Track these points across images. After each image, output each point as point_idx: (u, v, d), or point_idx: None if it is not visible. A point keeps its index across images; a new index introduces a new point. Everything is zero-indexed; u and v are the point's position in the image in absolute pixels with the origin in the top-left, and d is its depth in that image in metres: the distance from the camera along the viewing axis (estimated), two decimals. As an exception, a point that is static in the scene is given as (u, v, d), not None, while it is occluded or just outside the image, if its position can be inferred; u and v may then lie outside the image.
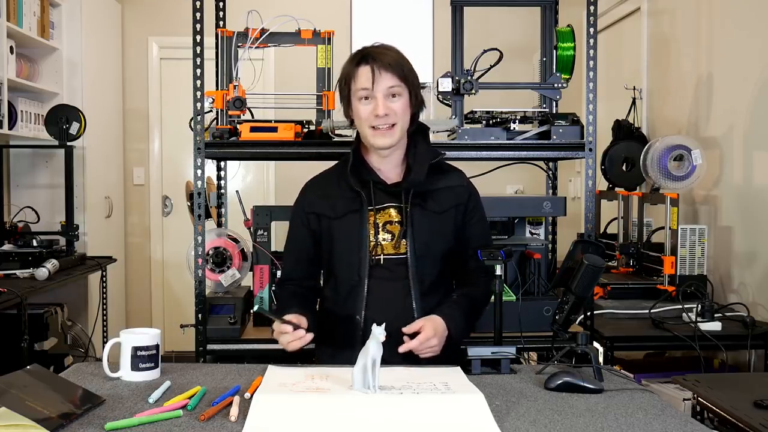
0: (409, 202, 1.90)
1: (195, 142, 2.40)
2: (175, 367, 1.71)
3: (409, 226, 1.89)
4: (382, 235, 1.90)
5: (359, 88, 1.86)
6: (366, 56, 1.86)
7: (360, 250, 1.89)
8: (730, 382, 1.90)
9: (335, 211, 1.93)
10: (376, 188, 1.93)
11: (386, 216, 1.92)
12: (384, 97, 1.84)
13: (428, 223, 1.91)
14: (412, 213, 1.90)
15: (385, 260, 1.90)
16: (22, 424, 1.23)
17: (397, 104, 1.86)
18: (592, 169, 2.49)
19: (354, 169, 1.93)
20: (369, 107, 1.85)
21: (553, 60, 2.69)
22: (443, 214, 1.94)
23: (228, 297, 2.46)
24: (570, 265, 1.79)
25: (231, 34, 2.49)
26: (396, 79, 1.85)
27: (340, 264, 1.93)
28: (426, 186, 1.92)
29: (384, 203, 1.93)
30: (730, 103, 3.00)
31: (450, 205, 1.95)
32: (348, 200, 1.92)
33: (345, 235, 1.92)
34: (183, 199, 3.05)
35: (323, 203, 1.95)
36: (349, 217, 1.91)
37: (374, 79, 1.83)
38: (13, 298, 2.96)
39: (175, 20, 5.06)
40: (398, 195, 1.92)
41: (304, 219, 1.97)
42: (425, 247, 1.90)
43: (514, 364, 1.75)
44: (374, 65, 1.84)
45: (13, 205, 4.11)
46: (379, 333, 1.46)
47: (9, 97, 3.68)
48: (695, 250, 2.80)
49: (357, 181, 1.91)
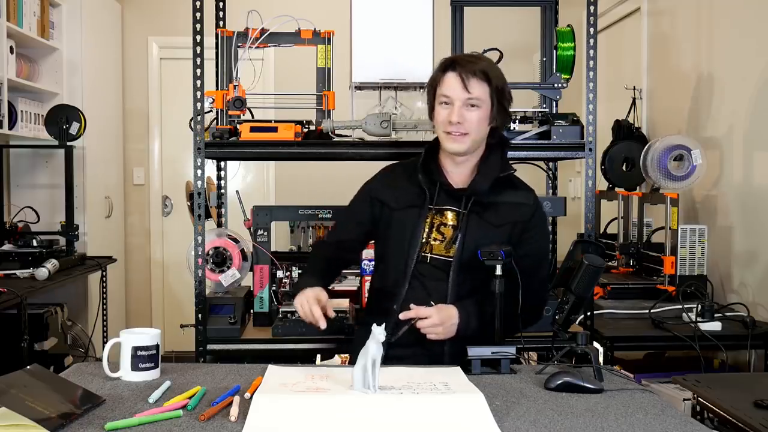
0: (468, 209, 1.94)
1: (195, 142, 2.40)
2: (175, 367, 1.71)
3: (462, 232, 1.93)
4: (435, 234, 1.95)
5: (441, 93, 1.92)
6: (454, 63, 1.92)
7: (411, 244, 1.94)
8: (730, 382, 1.91)
9: (398, 202, 2.00)
10: (441, 189, 1.97)
11: (443, 218, 1.97)
12: (461, 106, 1.89)
13: (482, 232, 1.94)
14: (469, 219, 1.94)
15: (432, 259, 1.95)
16: (22, 424, 1.23)
17: (473, 114, 1.90)
18: (592, 169, 2.49)
19: (425, 167, 1.98)
20: (446, 112, 1.91)
21: (553, 60, 2.69)
22: (500, 228, 1.96)
23: (228, 297, 2.46)
24: (570, 265, 1.79)
25: (231, 34, 2.49)
26: (478, 90, 1.89)
27: (390, 253, 2.00)
28: (489, 197, 1.96)
29: (444, 205, 1.97)
30: (730, 103, 3.00)
31: (509, 220, 1.97)
32: (412, 195, 1.99)
33: (401, 228, 1.98)
34: (183, 199, 3.05)
35: (389, 192, 2.03)
36: (409, 211, 1.98)
37: (455, 86, 1.89)
38: (13, 298, 2.96)
39: (175, 20, 5.06)
40: (460, 200, 1.96)
41: (368, 200, 2.06)
42: (473, 255, 1.91)
43: (514, 364, 1.75)
44: (460, 73, 1.89)
45: (13, 205, 4.11)
46: (379, 333, 1.46)
47: (9, 97, 3.68)
48: (695, 250, 2.80)
49: (426, 179, 1.97)
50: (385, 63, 2.40)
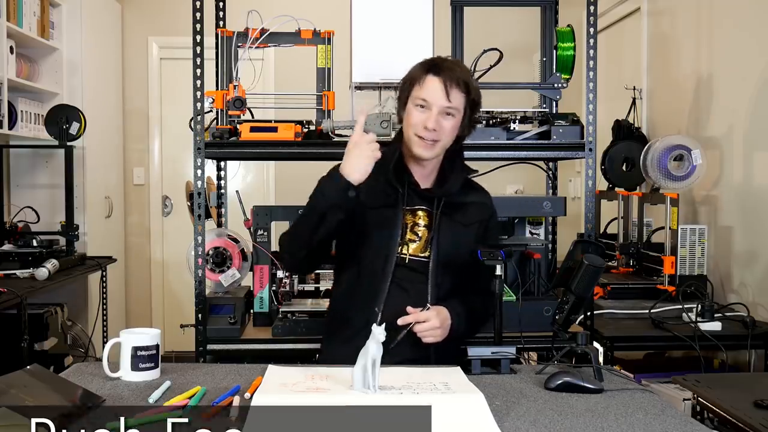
0: (440, 210, 1.95)
1: (195, 142, 2.40)
2: (175, 367, 1.71)
3: (437, 232, 1.94)
4: (410, 235, 1.95)
5: (420, 96, 1.89)
6: (437, 66, 1.89)
7: (390, 245, 1.93)
8: (730, 382, 1.91)
9: (371, 200, 1.93)
10: (410, 189, 1.97)
11: (416, 218, 1.97)
12: (438, 113, 1.87)
13: (454, 232, 1.96)
14: (441, 220, 1.95)
15: (410, 260, 1.94)
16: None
17: (448, 123, 1.89)
18: (592, 169, 2.49)
19: (396, 165, 1.97)
20: (422, 116, 1.88)
21: (553, 60, 2.69)
22: (468, 227, 1.99)
23: (228, 297, 2.46)
24: (570, 265, 1.79)
25: (231, 34, 2.49)
26: (457, 99, 1.88)
27: (368, 254, 1.95)
28: (457, 198, 1.98)
29: (415, 205, 1.97)
30: (730, 103, 3.00)
31: (475, 219, 2.00)
32: (383, 193, 1.96)
33: (377, 228, 1.95)
34: (183, 199, 3.04)
35: (365, 186, 1.91)
36: (384, 211, 1.95)
37: (437, 92, 1.87)
38: (13, 298, 2.96)
39: (175, 20, 5.06)
40: (429, 200, 1.97)
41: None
42: (448, 255, 1.94)
43: (514, 364, 1.75)
44: (444, 79, 1.86)
45: (13, 205, 4.11)
46: (379, 333, 1.46)
47: (9, 97, 3.68)
48: (695, 250, 2.80)
49: (396, 178, 1.95)
50: (385, 63, 2.40)
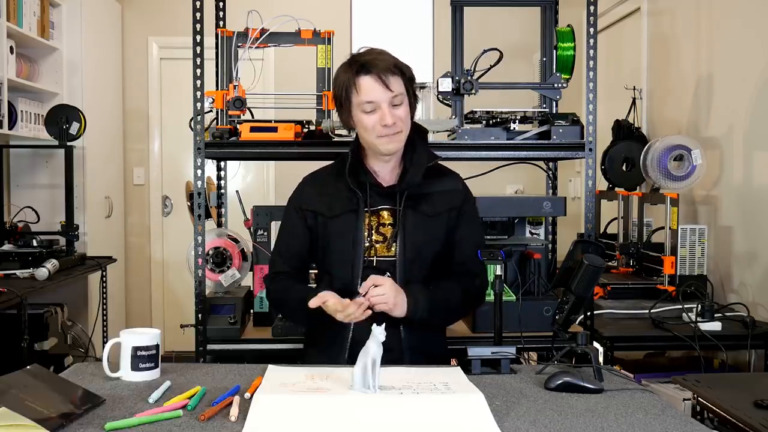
0: (402, 205, 1.91)
1: (195, 142, 2.40)
2: (175, 367, 1.71)
3: (401, 229, 1.91)
4: (375, 236, 1.92)
5: (363, 101, 1.83)
6: (365, 65, 1.83)
7: (355, 250, 1.90)
8: (730, 382, 1.90)
9: (331, 210, 1.94)
10: (371, 190, 1.93)
11: (380, 218, 1.94)
12: (389, 106, 1.83)
13: (420, 225, 1.92)
14: (405, 215, 1.91)
15: (378, 261, 1.91)
16: (22, 424, 1.23)
17: (401, 111, 1.86)
18: (592, 169, 2.49)
19: (351, 169, 1.93)
20: (375, 117, 1.84)
21: (553, 60, 2.69)
22: (436, 218, 1.94)
23: (228, 297, 2.46)
24: (570, 265, 1.79)
25: (231, 34, 2.49)
26: (397, 85, 1.84)
27: (334, 263, 1.94)
28: (421, 189, 1.93)
29: (378, 205, 1.94)
30: (730, 103, 3.00)
31: (443, 208, 1.95)
32: (344, 200, 1.93)
33: (340, 235, 1.92)
34: (183, 199, 3.05)
35: (319, 201, 1.96)
36: (345, 217, 1.92)
37: (376, 89, 1.82)
38: (13, 298, 2.96)
39: (175, 20, 5.06)
40: (393, 197, 1.93)
41: (301, 214, 1.98)
42: (415, 249, 1.91)
43: (514, 364, 1.75)
44: (376, 73, 1.82)
45: (13, 205, 4.11)
46: (379, 333, 1.46)
47: (9, 97, 3.68)
48: (695, 250, 2.80)
49: (354, 181, 1.92)
50: (385, 63, 2.39)
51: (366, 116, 1.85)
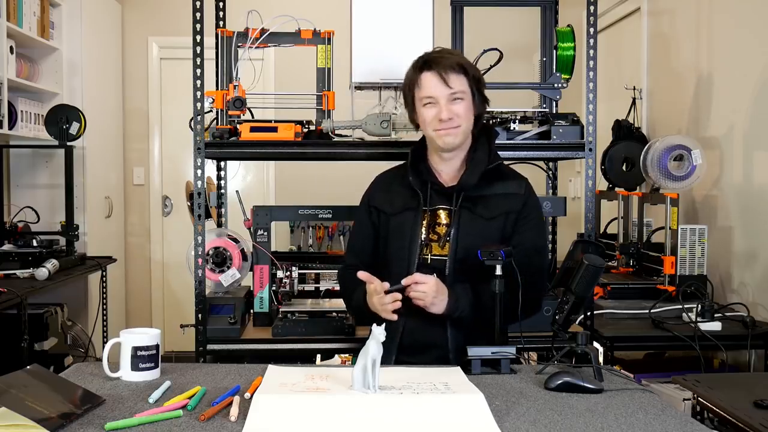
0: (459, 205, 1.94)
1: (195, 142, 2.40)
2: (175, 367, 1.71)
3: (455, 229, 1.94)
4: (432, 235, 1.96)
5: (423, 96, 1.92)
6: (428, 62, 1.92)
7: (411, 247, 1.95)
8: (730, 382, 1.90)
9: (393, 207, 2.01)
10: (432, 189, 1.97)
11: (437, 217, 1.97)
12: (447, 102, 1.89)
13: (474, 227, 1.94)
14: (460, 216, 1.95)
15: (432, 260, 1.95)
16: (22, 424, 1.23)
17: (459, 107, 1.91)
18: (592, 169, 2.49)
19: (415, 168, 1.99)
20: (433, 111, 1.91)
21: (553, 60, 2.69)
22: (492, 221, 1.96)
23: (228, 297, 2.46)
24: (570, 265, 1.79)
25: (231, 34, 2.49)
26: (458, 83, 1.90)
27: (391, 259, 1.99)
28: (479, 191, 1.96)
29: (436, 205, 1.98)
30: (730, 103, 3.00)
31: (500, 211, 1.96)
32: (406, 198, 2.00)
33: (399, 232, 1.98)
34: (183, 199, 3.05)
35: (383, 197, 2.04)
36: (405, 215, 1.99)
37: (436, 85, 1.89)
38: (13, 298, 2.96)
39: (175, 20, 5.06)
40: (451, 197, 1.96)
41: (368, 211, 2.07)
42: (466, 250, 1.92)
43: (514, 364, 1.75)
44: (437, 71, 1.89)
45: (13, 205, 4.11)
46: (379, 333, 1.46)
47: (9, 97, 3.68)
48: (695, 250, 2.80)
49: (416, 180, 1.97)
50: (385, 63, 2.40)
51: (425, 110, 1.93)
